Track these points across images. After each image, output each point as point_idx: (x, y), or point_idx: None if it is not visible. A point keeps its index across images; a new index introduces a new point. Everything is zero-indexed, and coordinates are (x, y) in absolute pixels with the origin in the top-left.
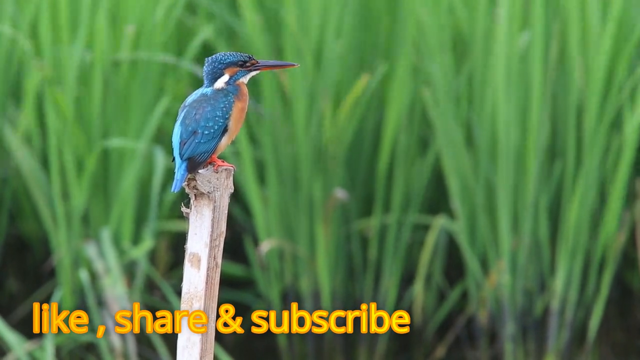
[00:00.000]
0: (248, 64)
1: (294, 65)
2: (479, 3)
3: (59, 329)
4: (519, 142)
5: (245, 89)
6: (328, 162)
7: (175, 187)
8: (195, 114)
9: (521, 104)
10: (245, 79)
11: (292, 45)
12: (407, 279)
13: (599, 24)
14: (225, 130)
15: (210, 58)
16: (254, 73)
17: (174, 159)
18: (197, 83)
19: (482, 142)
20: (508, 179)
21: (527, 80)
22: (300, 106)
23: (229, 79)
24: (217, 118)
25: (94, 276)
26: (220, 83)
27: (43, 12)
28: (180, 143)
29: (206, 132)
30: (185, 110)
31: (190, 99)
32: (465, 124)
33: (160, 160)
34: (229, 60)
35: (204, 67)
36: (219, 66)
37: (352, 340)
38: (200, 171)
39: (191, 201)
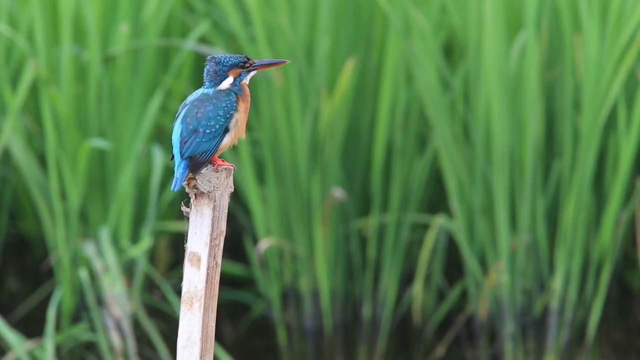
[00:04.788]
0: (247, 65)
1: (285, 62)
2: (470, 3)
3: (59, 327)
4: (514, 142)
5: (247, 90)
6: (324, 155)
7: (175, 186)
8: (196, 112)
9: (516, 103)
10: (246, 80)
11: (283, 43)
12: (406, 278)
13: (593, 20)
14: (226, 130)
15: (212, 59)
16: (253, 73)
17: (173, 157)
18: (195, 80)
19: (478, 141)
20: (505, 179)
21: (521, 80)
22: (296, 102)
23: (234, 80)
24: (218, 117)
25: (93, 276)
26: (225, 85)
27: (38, 12)
28: (180, 141)
29: (207, 131)
30: (186, 108)
31: (191, 97)
32: (462, 123)
33: (158, 159)
34: (231, 62)
35: (206, 67)
36: (223, 68)
37: (352, 339)
38: (201, 170)
39: (191, 200)
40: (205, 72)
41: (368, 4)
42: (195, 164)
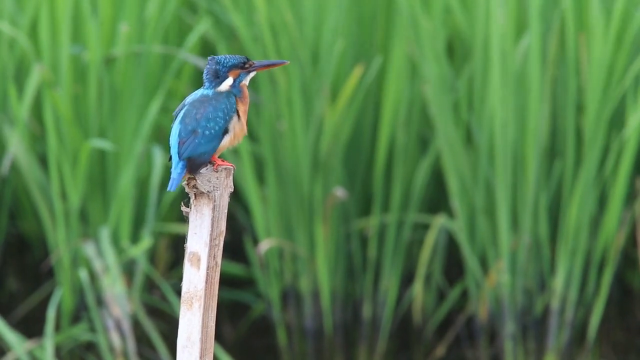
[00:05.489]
0: (247, 66)
1: (285, 62)
2: (477, 4)
3: (59, 328)
4: (517, 141)
5: (246, 92)
6: (327, 160)
7: (171, 186)
8: (195, 113)
9: (520, 103)
10: (246, 81)
11: (288, 44)
12: (406, 278)
13: (599, 19)
14: (226, 131)
15: (212, 59)
16: (252, 74)
17: (170, 158)
18: (196, 80)
19: (481, 141)
20: (507, 179)
21: (525, 80)
22: (298, 104)
23: (233, 81)
24: (218, 118)
25: (93, 276)
26: (225, 86)
27: (42, 11)
28: (178, 142)
29: (207, 132)
30: (185, 108)
31: (190, 98)
32: (465, 123)
33: (158, 159)
34: (231, 63)
35: (206, 67)
36: (223, 69)
37: (352, 339)
38: (200, 170)
39: (191, 200)
40: (205, 72)
41: (371, 5)
42: (193, 165)
